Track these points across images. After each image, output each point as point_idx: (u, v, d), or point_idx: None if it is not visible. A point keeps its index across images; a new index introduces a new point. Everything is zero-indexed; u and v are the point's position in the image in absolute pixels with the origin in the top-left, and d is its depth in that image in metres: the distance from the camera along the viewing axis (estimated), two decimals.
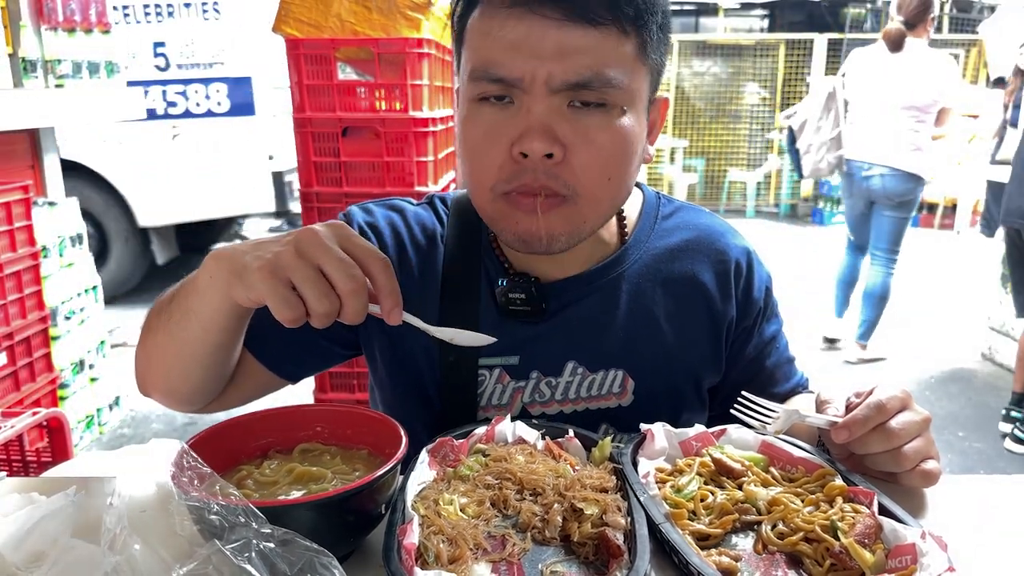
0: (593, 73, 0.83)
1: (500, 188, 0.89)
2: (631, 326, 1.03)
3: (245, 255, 0.75)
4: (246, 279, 0.73)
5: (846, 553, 0.68)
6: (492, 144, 0.88)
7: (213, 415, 1.03)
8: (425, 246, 1.06)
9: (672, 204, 1.13)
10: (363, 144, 2.63)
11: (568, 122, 0.86)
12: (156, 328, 0.91)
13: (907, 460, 0.82)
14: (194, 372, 0.92)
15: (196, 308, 0.83)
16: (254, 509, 0.62)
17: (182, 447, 0.69)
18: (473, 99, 0.89)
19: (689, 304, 1.06)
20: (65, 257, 3.09)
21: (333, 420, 0.86)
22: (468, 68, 0.89)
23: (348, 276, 0.72)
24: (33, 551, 0.66)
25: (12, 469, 2.21)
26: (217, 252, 0.79)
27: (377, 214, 1.09)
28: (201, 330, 0.85)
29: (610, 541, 0.70)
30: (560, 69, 0.83)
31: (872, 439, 0.82)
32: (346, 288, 0.72)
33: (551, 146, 0.85)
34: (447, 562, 0.68)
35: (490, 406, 1.02)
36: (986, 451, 3.46)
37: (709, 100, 10.14)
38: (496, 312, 1.01)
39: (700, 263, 1.07)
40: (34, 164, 3.26)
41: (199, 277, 0.81)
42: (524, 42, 0.83)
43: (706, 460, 0.85)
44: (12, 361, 2.75)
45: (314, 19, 2.52)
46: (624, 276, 1.04)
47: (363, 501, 0.71)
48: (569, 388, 1.02)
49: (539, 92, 0.84)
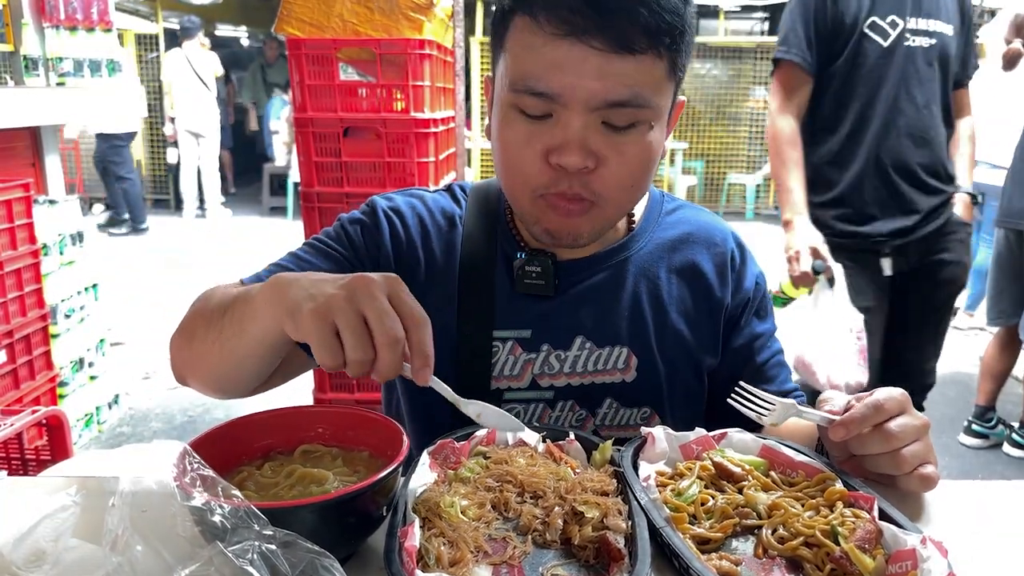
0: (631, 94, 0.89)
1: (539, 191, 0.96)
2: (636, 306, 1.09)
3: (301, 293, 0.76)
4: (297, 319, 0.74)
5: (846, 558, 0.69)
6: (530, 151, 0.93)
7: (213, 415, 1.04)
8: (445, 227, 1.13)
9: (675, 201, 1.20)
10: (364, 144, 2.63)
11: (602, 137, 0.91)
12: (206, 337, 0.92)
13: (905, 463, 0.83)
14: (245, 376, 0.94)
15: (250, 329, 0.84)
16: (256, 511, 0.62)
17: (184, 448, 0.69)
18: (512, 106, 0.94)
19: (690, 289, 1.12)
20: (65, 255, 3.09)
21: (334, 421, 0.86)
22: (509, 77, 0.93)
23: (386, 328, 0.72)
24: (34, 551, 0.66)
25: (11, 467, 2.21)
26: (278, 279, 0.80)
27: (399, 200, 1.15)
28: (255, 346, 0.86)
29: (611, 545, 0.70)
30: (600, 88, 0.88)
31: (870, 440, 0.83)
32: (382, 340, 0.72)
33: (586, 160, 0.91)
34: (448, 564, 0.68)
35: (502, 376, 1.07)
36: (984, 455, 3.46)
37: (709, 102, 10.14)
38: (510, 288, 1.08)
39: (700, 253, 1.13)
40: (35, 162, 3.26)
41: (257, 301, 0.83)
42: (567, 63, 0.88)
43: (707, 464, 0.85)
44: (12, 359, 2.75)
45: (316, 19, 2.52)
46: (631, 260, 1.11)
47: (364, 503, 0.71)
48: (577, 362, 1.07)
49: (577, 108, 0.89)
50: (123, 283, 5.57)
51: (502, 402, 1.07)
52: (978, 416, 3.53)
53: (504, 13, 0.94)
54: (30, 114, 2.77)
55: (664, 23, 0.87)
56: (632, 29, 0.86)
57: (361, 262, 1.09)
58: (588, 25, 0.85)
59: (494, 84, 1.00)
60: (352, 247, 1.09)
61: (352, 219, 1.12)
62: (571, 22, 0.86)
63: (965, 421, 3.59)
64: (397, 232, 1.11)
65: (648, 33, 0.87)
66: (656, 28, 0.87)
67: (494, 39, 0.98)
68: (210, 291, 0.98)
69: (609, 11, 0.85)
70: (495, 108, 0.99)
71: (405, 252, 1.10)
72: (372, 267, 1.09)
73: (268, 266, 1.07)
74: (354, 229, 1.11)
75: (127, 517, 0.62)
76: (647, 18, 0.86)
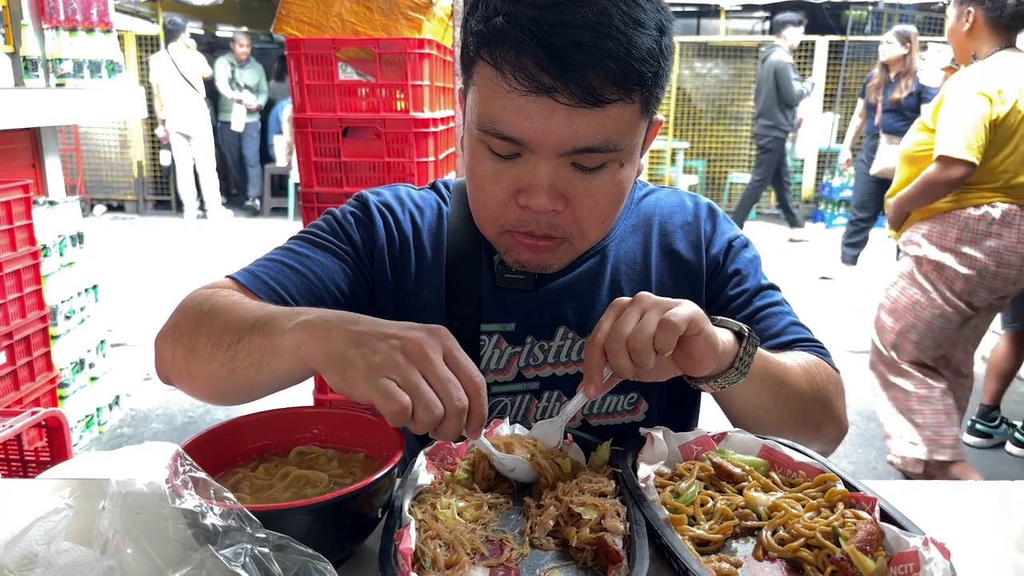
0: (600, 140, 0.87)
1: (506, 227, 0.96)
2: (616, 294, 1.07)
3: (350, 348, 0.72)
4: (350, 377, 0.71)
5: (847, 560, 0.68)
6: (498, 188, 0.93)
7: (214, 415, 1.03)
8: (433, 223, 1.14)
9: (645, 187, 1.21)
10: (364, 144, 2.63)
11: (571, 177, 0.91)
12: (212, 357, 0.87)
13: (641, 340, 0.79)
14: (251, 398, 0.92)
15: (273, 366, 0.81)
16: (248, 513, 0.62)
17: (177, 450, 0.69)
18: (480, 142, 0.92)
19: (669, 270, 1.12)
20: (65, 256, 3.09)
21: (330, 423, 0.86)
22: (476, 115, 0.91)
23: (456, 398, 0.70)
24: (26, 553, 0.65)
25: (11, 469, 2.20)
26: (310, 323, 0.77)
27: (387, 195, 1.15)
28: (275, 382, 0.84)
29: (608, 546, 0.69)
30: (569, 136, 0.86)
31: (617, 360, 0.80)
32: (452, 409, 0.70)
33: (555, 202, 0.91)
34: (444, 567, 0.68)
35: (488, 370, 1.08)
36: (988, 455, 3.45)
37: (710, 102, 10.12)
38: (494, 283, 1.09)
39: (673, 233, 1.14)
40: (35, 163, 3.25)
41: (286, 342, 0.78)
42: (536, 113, 0.85)
43: (706, 464, 0.84)
44: (12, 360, 2.74)
45: (315, 19, 2.52)
46: (608, 249, 1.11)
47: (359, 505, 0.71)
48: (560, 352, 1.08)
49: (545, 155, 0.88)
50: (124, 284, 5.57)
51: (489, 396, 1.06)
52: (982, 415, 3.52)
53: (470, 52, 0.91)
54: (30, 115, 2.77)
55: (634, 72, 0.84)
56: (601, 82, 0.83)
57: (359, 256, 1.08)
58: (554, 82, 0.82)
59: (465, 105, 0.98)
60: (349, 241, 1.09)
61: (345, 212, 1.12)
62: (537, 79, 0.82)
63: (969, 420, 3.57)
64: (390, 227, 1.11)
65: (618, 83, 0.84)
66: (625, 78, 0.84)
67: (463, 66, 0.95)
68: (204, 296, 0.95)
69: (576, 67, 0.81)
70: (465, 135, 0.98)
71: (398, 247, 1.10)
72: (369, 261, 1.09)
73: (259, 260, 1.05)
74: (348, 223, 1.10)
75: (118, 520, 0.62)
76: (615, 71, 0.82)
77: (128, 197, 9.54)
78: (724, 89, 10.15)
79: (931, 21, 10.07)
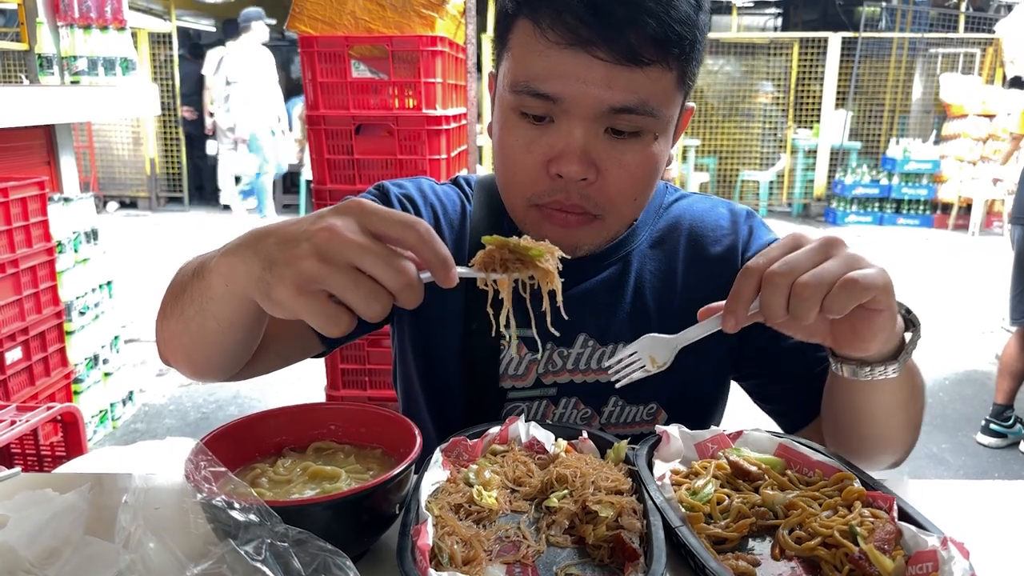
0: (638, 101, 0.86)
1: (535, 200, 0.93)
2: (638, 303, 1.07)
3: (264, 273, 0.66)
4: (274, 298, 0.66)
5: (865, 559, 0.67)
6: (529, 157, 0.90)
7: (227, 411, 1.04)
8: (456, 220, 1.11)
9: (676, 192, 1.17)
10: (376, 142, 2.63)
11: (604, 147, 0.89)
12: (171, 315, 0.87)
13: (811, 287, 0.69)
14: (218, 356, 0.89)
15: (213, 310, 0.78)
16: (268, 508, 0.62)
17: (197, 445, 0.69)
18: (513, 109, 0.91)
19: (698, 279, 1.08)
20: (80, 253, 3.11)
21: (347, 419, 0.86)
22: (510, 77, 0.90)
23: (395, 271, 0.64)
24: (47, 547, 0.66)
25: (27, 463, 2.23)
26: (227, 253, 0.72)
27: (410, 187, 1.12)
28: (219, 327, 0.81)
29: (625, 544, 0.69)
30: (606, 96, 0.85)
31: (770, 294, 0.71)
32: (397, 284, 0.64)
33: (587, 171, 0.88)
34: (461, 563, 0.68)
35: (507, 375, 1.06)
36: (1002, 454, 3.43)
37: (722, 99, 10.09)
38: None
39: (704, 242, 1.09)
40: (50, 160, 3.28)
41: (214, 281, 0.75)
42: (572, 71, 0.84)
43: (722, 462, 0.84)
44: (27, 356, 2.77)
45: (328, 17, 2.52)
46: (631, 256, 1.08)
47: (377, 501, 0.71)
48: (580, 359, 1.06)
49: (579, 115, 0.86)
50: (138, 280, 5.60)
51: (507, 401, 1.06)
52: (996, 415, 3.50)
53: (508, 14, 0.91)
54: (45, 112, 2.79)
55: (674, 34, 0.84)
56: (640, 40, 0.83)
57: None
58: (593, 36, 0.82)
59: (496, 81, 0.98)
60: None
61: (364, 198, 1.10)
62: (576, 32, 0.83)
63: (983, 420, 3.55)
64: None
65: (656, 44, 0.83)
66: (665, 39, 0.83)
67: (497, 36, 0.96)
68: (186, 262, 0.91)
69: (616, 21, 0.82)
70: (496, 109, 0.97)
71: None
72: None
73: None
74: None
75: (140, 514, 0.62)
76: (656, 29, 0.82)
77: (141, 194, 9.61)
78: (735, 86, 10.11)
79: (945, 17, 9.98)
